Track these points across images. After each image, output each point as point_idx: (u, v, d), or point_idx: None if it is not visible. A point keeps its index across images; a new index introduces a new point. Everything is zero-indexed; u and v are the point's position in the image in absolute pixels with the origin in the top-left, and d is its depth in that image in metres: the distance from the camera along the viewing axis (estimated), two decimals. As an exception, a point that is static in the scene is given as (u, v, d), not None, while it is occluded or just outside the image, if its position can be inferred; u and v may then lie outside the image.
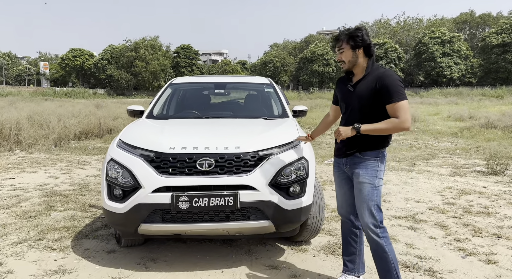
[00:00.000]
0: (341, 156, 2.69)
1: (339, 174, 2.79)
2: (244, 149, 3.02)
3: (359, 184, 2.55)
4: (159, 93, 4.40)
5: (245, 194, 2.91)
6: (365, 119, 2.51)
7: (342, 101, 2.71)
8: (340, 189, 2.82)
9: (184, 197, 2.84)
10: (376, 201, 2.56)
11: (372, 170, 2.55)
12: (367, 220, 2.54)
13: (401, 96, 2.42)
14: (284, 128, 3.60)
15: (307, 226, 3.46)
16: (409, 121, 2.42)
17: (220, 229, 2.99)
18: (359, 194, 2.56)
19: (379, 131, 2.45)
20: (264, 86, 4.64)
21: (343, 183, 2.77)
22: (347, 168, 2.66)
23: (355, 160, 2.59)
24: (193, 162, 2.93)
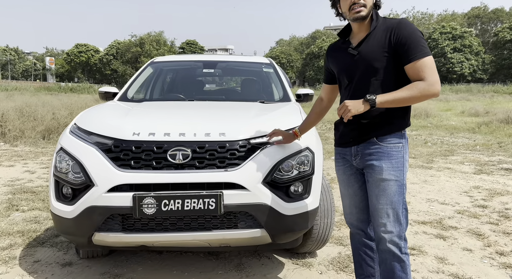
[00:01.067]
0: (348, 143, 1.97)
1: (344, 170, 2.06)
2: (231, 136, 2.32)
3: (381, 182, 1.84)
4: (137, 72, 3.69)
5: (231, 194, 2.22)
6: (377, 90, 1.81)
7: (342, 72, 1.97)
8: (346, 190, 2.09)
9: (150, 199, 2.15)
10: (404, 203, 1.87)
11: (397, 161, 1.84)
12: (390, 229, 1.84)
13: (425, 51, 1.74)
14: (284, 111, 2.89)
15: (313, 234, 2.76)
16: (438, 83, 1.73)
17: (198, 240, 2.29)
18: (380, 195, 1.85)
19: (400, 101, 1.73)
20: (262, 66, 3.92)
21: (351, 181, 2.05)
22: (357, 160, 1.94)
23: (370, 149, 1.87)
24: (163, 153, 2.24)
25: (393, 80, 1.81)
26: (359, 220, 2.08)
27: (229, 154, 2.28)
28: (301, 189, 2.43)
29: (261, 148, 2.33)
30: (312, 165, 2.46)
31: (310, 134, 2.61)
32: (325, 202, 2.75)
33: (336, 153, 2.12)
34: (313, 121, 2.34)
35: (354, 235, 2.15)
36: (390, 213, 1.84)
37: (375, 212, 1.88)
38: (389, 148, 1.83)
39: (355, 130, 1.91)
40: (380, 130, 1.84)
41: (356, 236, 2.13)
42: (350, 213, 2.12)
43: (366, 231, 2.08)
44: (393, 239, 1.84)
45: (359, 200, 2.05)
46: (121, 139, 2.27)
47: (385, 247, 1.86)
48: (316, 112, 2.29)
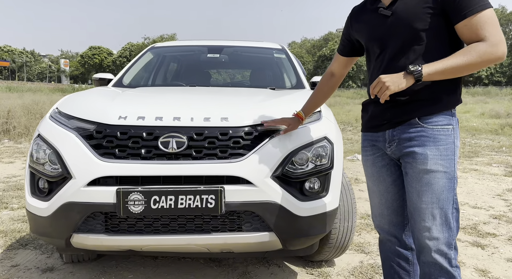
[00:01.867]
0: (381, 127, 1.55)
1: (374, 160, 1.65)
2: (235, 121, 1.96)
3: (425, 174, 1.43)
4: (136, 58, 3.35)
5: (234, 190, 1.85)
6: (419, 59, 1.41)
7: (371, 40, 1.56)
8: (376, 185, 1.67)
9: (137, 194, 1.79)
10: (455, 201, 1.46)
11: (446, 147, 1.43)
12: (437, 234, 1.43)
13: (483, 2, 1.33)
14: (297, 96, 2.50)
15: (331, 240, 2.37)
16: (503, 42, 1.32)
17: (195, 244, 1.92)
18: (424, 190, 1.43)
19: (453, 70, 1.32)
20: (273, 51, 3.54)
21: (382, 175, 1.64)
22: (392, 147, 1.53)
23: (410, 132, 1.46)
24: (153, 140, 1.88)
25: (441, 46, 1.41)
26: (392, 224, 1.68)
27: (232, 143, 1.91)
28: (317, 186, 2.05)
29: (270, 136, 1.96)
30: (331, 157, 2.08)
31: (328, 121, 2.23)
32: (346, 202, 2.36)
33: (364, 140, 1.71)
34: (320, 101, 1.96)
35: (385, 243, 1.74)
36: (437, 214, 1.43)
37: (416, 213, 1.47)
38: (436, 131, 1.43)
39: (391, 110, 1.50)
40: (424, 108, 1.43)
41: (387, 244, 1.73)
42: (380, 215, 1.71)
43: (400, 238, 1.68)
44: (440, 248, 1.44)
45: (392, 199, 1.64)
46: (104, 123, 1.92)
47: (430, 258, 1.46)
48: (324, 89, 1.91)
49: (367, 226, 3.25)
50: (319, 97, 1.94)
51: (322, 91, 1.92)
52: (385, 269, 1.75)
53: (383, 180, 1.64)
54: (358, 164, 6.29)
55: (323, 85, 1.90)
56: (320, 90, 1.92)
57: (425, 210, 1.44)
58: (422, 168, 1.43)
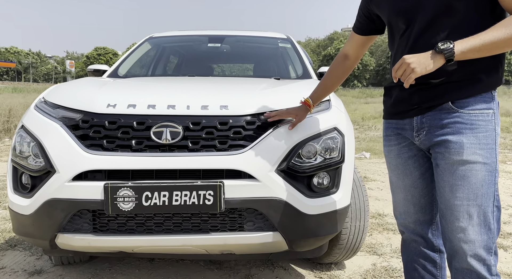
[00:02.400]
0: (408, 113, 1.34)
1: (400, 151, 1.44)
2: (236, 110, 1.77)
3: (460, 166, 1.22)
4: (133, 48, 3.18)
5: (235, 186, 1.68)
6: (452, 35, 1.19)
7: (395, 14, 1.34)
8: (401, 179, 1.46)
9: (127, 190, 1.62)
10: (497, 198, 1.25)
11: (486, 135, 1.22)
12: (473, 237, 1.23)
13: None
14: (303, 85, 2.31)
15: (341, 241, 2.18)
16: None
17: (191, 246, 1.74)
18: (458, 185, 1.23)
19: (492, 46, 1.11)
20: (278, 41, 3.35)
21: (408, 167, 1.43)
22: (421, 136, 1.32)
23: (442, 119, 1.25)
24: (145, 130, 1.70)
25: (478, 18, 1.20)
26: (418, 223, 1.47)
27: (233, 133, 1.73)
28: (327, 182, 1.87)
29: (274, 127, 1.77)
30: (342, 150, 1.89)
31: (339, 111, 2.04)
32: (357, 199, 2.17)
33: (387, 128, 1.50)
34: (331, 86, 1.75)
35: (409, 243, 1.54)
36: (474, 212, 1.22)
37: (449, 211, 1.26)
38: (473, 116, 1.22)
39: (419, 93, 1.29)
40: (459, 90, 1.22)
41: (412, 245, 1.52)
42: (405, 212, 1.50)
43: (427, 238, 1.48)
44: (477, 253, 1.23)
45: (419, 195, 1.44)
46: (91, 112, 1.74)
47: (464, 264, 1.25)
48: (336, 74, 1.69)
49: (379, 226, 3.05)
50: (330, 82, 1.73)
51: (334, 75, 1.70)
52: (408, 273, 1.55)
53: (409, 173, 1.44)
54: (366, 162, 6.09)
55: (336, 68, 1.69)
56: (332, 74, 1.71)
57: (460, 207, 1.23)
58: (456, 159, 1.22)
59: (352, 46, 1.64)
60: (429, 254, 1.48)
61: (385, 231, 2.95)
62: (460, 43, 1.13)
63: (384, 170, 5.42)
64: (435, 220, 1.46)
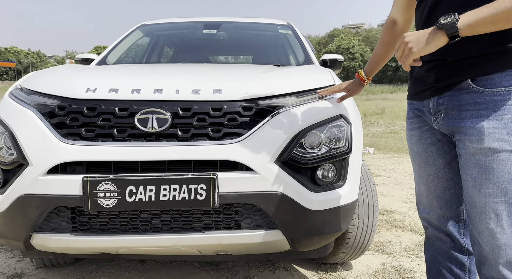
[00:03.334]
0: (424, 93, 1.18)
1: (421, 135, 1.26)
2: (231, 94, 1.59)
3: (483, 156, 1.03)
4: (123, 35, 3.00)
5: (230, 179, 1.50)
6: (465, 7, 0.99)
7: None
8: (423, 168, 1.29)
9: (108, 184, 1.44)
10: None
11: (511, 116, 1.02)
12: (505, 240, 1.04)
13: None
14: (304, 69, 2.12)
15: (348, 239, 2.00)
16: None
17: (182, 246, 1.56)
18: (482, 179, 1.04)
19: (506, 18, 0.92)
20: (278, 27, 3.16)
21: (431, 155, 1.25)
22: (439, 119, 1.15)
23: (460, 99, 1.08)
24: (129, 117, 1.52)
25: None
26: (443, 219, 1.29)
27: (227, 120, 1.55)
28: (332, 174, 1.69)
29: (274, 113, 1.59)
30: (349, 140, 1.71)
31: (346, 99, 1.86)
32: (366, 194, 1.99)
33: (409, 110, 1.33)
34: (384, 56, 1.56)
35: (433, 241, 1.35)
36: (503, 211, 1.04)
37: (474, 210, 1.08)
38: (498, 95, 1.02)
39: (435, 71, 1.12)
40: (480, 66, 1.04)
41: (436, 243, 1.34)
42: (428, 206, 1.32)
43: (454, 237, 1.29)
44: (510, 260, 1.05)
45: (443, 187, 1.26)
46: (69, 97, 1.56)
47: (495, 272, 1.07)
48: (387, 41, 1.51)
49: (386, 223, 2.87)
50: (383, 51, 1.54)
51: (386, 43, 1.51)
52: (431, 275, 1.37)
53: (432, 161, 1.26)
54: (369, 157, 5.90)
55: (386, 35, 1.50)
56: (384, 43, 1.52)
57: (486, 205, 1.05)
58: (478, 147, 1.04)
59: (397, 10, 1.45)
60: (456, 256, 1.29)
61: (393, 228, 2.77)
62: (467, 15, 0.94)
63: (389, 165, 5.24)
64: (463, 217, 1.28)
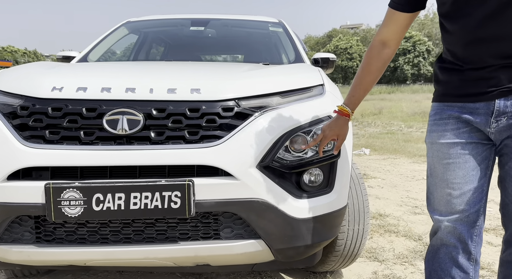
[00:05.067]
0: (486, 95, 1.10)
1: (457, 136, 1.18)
2: (210, 94, 1.48)
3: None
4: (107, 33, 2.88)
5: (208, 185, 1.38)
6: None
7: None
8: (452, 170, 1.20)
9: (74, 192, 1.32)
10: None
11: None
12: None
13: None
14: (294, 67, 2.01)
15: (337, 247, 1.89)
16: None
17: (155, 258, 1.45)
18: None
19: None
20: (269, 25, 3.05)
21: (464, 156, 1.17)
22: (500, 122, 1.10)
23: None
24: (97, 118, 1.40)
25: None
26: (460, 223, 1.21)
27: (206, 122, 1.43)
28: (320, 179, 1.58)
29: (256, 114, 1.48)
30: (335, 142, 1.60)
31: (334, 97, 1.75)
32: (356, 199, 1.88)
33: (443, 111, 1.22)
34: (370, 84, 1.41)
35: (438, 249, 1.27)
36: None
37: None
38: None
39: (507, 71, 1.06)
40: None
41: (442, 250, 1.25)
42: (447, 209, 1.22)
43: (465, 242, 1.22)
44: None
45: (468, 190, 1.19)
46: (33, 96, 1.44)
47: None
48: (376, 68, 1.36)
49: (380, 228, 2.76)
50: (369, 79, 1.38)
51: (373, 70, 1.36)
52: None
53: (462, 162, 1.18)
54: (365, 159, 5.80)
55: (374, 61, 1.35)
56: (371, 69, 1.37)
57: None
58: None
59: (392, 30, 1.31)
60: (462, 264, 1.22)
61: (387, 233, 2.66)
62: None
63: (384, 166, 5.13)
64: (479, 223, 1.22)
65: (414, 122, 11.10)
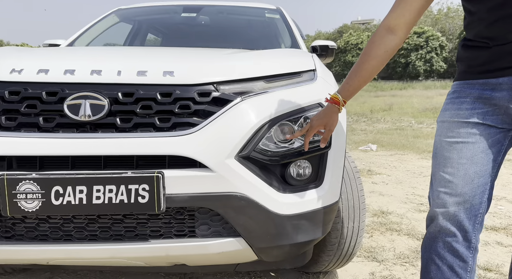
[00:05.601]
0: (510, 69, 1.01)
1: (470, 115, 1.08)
2: (184, 77, 1.34)
3: None
4: (96, 20, 2.76)
5: (180, 178, 1.25)
6: None
7: None
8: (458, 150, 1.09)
9: (30, 184, 1.20)
10: None
11: None
12: None
13: None
14: (283, 51, 1.86)
15: (330, 246, 1.75)
16: None
17: (124, 257, 1.32)
18: None
19: None
20: (265, 12, 2.90)
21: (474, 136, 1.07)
22: None
23: None
24: (58, 103, 1.27)
25: None
26: (462, 208, 1.09)
27: (179, 108, 1.30)
28: (308, 172, 1.44)
29: (237, 100, 1.34)
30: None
31: (326, 83, 1.61)
32: (351, 195, 1.73)
33: (462, 89, 1.13)
34: (368, 72, 1.24)
35: (436, 236, 1.14)
36: None
37: None
38: None
39: None
40: None
41: (441, 238, 1.13)
42: (450, 192, 1.10)
43: (465, 229, 1.10)
44: None
45: (474, 173, 1.08)
46: None
47: None
48: (376, 53, 1.20)
49: (381, 226, 2.60)
50: (367, 65, 1.22)
51: (373, 55, 1.20)
52: (427, 274, 1.16)
53: (471, 143, 1.08)
54: (371, 154, 5.62)
55: (375, 44, 1.20)
56: (370, 53, 1.21)
57: None
58: None
59: (402, 15, 1.16)
60: (461, 252, 1.11)
61: (389, 231, 2.50)
62: None
63: (391, 162, 4.95)
64: (482, 210, 1.11)
65: (425, 118, 10.82)
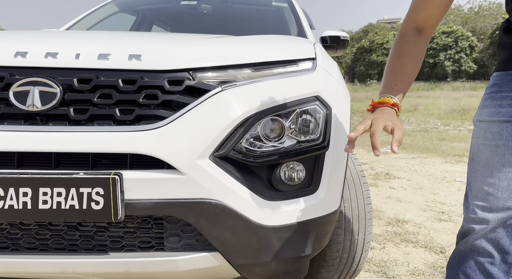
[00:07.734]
0: None
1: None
2: (154, 62, 1.13)
3: None
4: (93, 9, 2.60)
5: (142, 180, 1.06)
6: None
7: None
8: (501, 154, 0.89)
9: (-34, 183, 1.02)
10: None
11: None
12: None
13: None
14: (278, 37, 1.62)
15: (330, 260, 1.52)
16: None
17: (76, 273, 1.13)
18: None
19: None
20: (272, 0, 2.68)
21: None
22: None
23: None
24: (3, 90, 1.09)
25: None
26: (502, 223, 0.90)
27: (144, 98, 1.10)
28: (301, 176, 1.22)
29: (215, 90, 1.13)
30: (326, 130, 1.24)
31: (326, 73, 1.38)
32: (355, 203, 1.50)
33: (501, 83, 0.94)
34: (413, 72, 1.10)
35: (467, 255, 0.94)
36: None
37: None
38: None
39: None
40: None
41: (472, 257, 0.93)
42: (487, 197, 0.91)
43: (507, 252, 0.89)
44: None
45: None
46: None
47: None
48: (415, 53, 1.10)
49: (396, 236, 2.33)
50: (412, 65, 1.10)
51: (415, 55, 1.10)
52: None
53: None
54: (391, 157, 5.30)
55: (411, 44, 1.10)
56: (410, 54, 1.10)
57: None
58: None
59: (431, 15, 1.07)
60: (496, 276, 0.90)
61: (403, 243, 2.24)
62: None
63: (412, 166, 4.63)
64: None
65: (451, 120, 10.33)
